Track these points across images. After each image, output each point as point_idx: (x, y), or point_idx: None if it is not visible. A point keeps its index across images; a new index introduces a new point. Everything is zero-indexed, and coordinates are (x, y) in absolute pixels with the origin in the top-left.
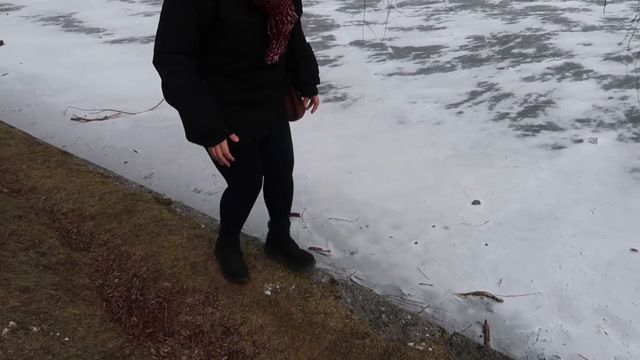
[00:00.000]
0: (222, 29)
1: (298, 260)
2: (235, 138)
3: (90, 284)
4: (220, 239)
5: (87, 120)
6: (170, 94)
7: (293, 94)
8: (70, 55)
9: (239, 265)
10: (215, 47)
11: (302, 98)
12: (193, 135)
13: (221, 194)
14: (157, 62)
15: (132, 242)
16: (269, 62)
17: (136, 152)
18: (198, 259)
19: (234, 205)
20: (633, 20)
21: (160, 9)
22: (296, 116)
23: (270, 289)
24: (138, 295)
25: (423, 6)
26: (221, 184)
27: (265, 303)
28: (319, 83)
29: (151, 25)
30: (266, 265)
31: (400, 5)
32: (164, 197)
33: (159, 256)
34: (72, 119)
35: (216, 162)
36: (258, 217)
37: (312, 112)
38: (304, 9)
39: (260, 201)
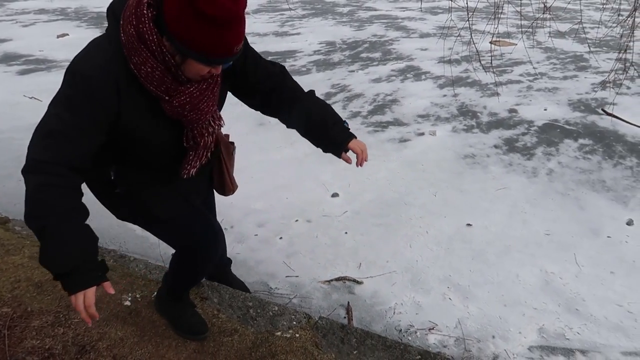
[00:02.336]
0: (128, 141)
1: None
2: (110, 289)
3: None
4: (168, 294)
5: None
6: (33, 212)
7: (224, 165)
8: None
9: (197, 319)
10: (123, 159)
11: (341, 155)
12: (51, 270)
13: None
14: (26, 170)
15: None
16: (184, 177)
17: None
18: (43, 277)
19: (187, 266)
20: (460, 29)
21: None
22: (224, 190)
23: (130, 299)
24: None
25: (277, 13)
26: None
27: (124, 314)
28: (343, 122)
29: None
30: (124, 276)
31: (255, 11)
32: None
33: None
34: None
35: (150, 227)
36: (115, 229)
37: (360, 165)
38: None
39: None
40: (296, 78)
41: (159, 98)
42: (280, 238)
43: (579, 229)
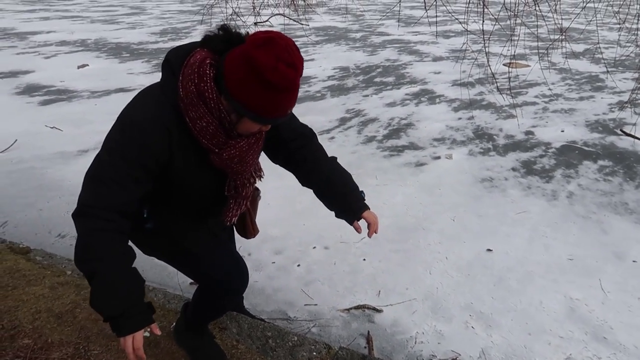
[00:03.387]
0: (171, 186)
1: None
2: (157, 331)
3: None
4: (187, 325)
5: None
6: (85, 256)
7: (248, 210)
8: None
9: (216, 351)
10: (159, 199)
11: (354, 223)
12: (102, 313)
13: None
14: (78, 214)
15: None
16: (227, 224)
17: None
18: (64, 308)
19: (211, 301)
20: (473, 52)
21: None
22: (245, 234)
23: (148, 329)
24: None
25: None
26: None
27: (143, 345)
28: (360, 192)
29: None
30: None
31: None
32: (21, 245)
33: (17, 311)
34: None
35: (178, 262)
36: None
37: (369, 236)
38: None
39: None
40: (311, 103)
41: (208, 150)
42: (298, 265)
43: (603, 253)
